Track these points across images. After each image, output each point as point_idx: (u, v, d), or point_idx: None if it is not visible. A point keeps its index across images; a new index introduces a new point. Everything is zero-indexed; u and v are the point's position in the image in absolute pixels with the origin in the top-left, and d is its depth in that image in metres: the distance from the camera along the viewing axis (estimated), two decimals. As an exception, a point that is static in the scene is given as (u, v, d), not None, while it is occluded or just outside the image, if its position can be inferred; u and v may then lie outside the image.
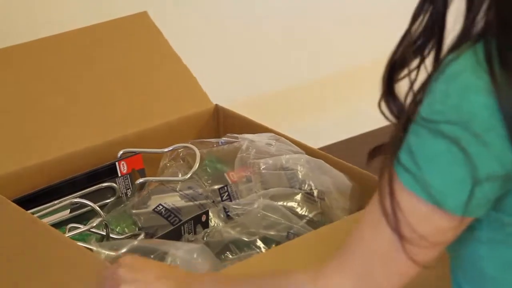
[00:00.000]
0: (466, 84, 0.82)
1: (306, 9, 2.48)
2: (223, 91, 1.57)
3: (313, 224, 1.25)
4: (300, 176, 1.29)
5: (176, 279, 1.03)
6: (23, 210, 1.21)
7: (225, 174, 1.35)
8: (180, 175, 1.36)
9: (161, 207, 1.30)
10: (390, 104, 0.91)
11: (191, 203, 1.31)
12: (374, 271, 0.89)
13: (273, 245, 1.22)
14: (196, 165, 1.36)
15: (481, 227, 0.89)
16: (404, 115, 0.88)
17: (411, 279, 0.89)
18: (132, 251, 1.15)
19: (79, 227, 1.26)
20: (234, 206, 1.26)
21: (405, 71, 0.90)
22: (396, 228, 0.86)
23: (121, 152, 1.40)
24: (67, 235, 1.23)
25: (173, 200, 1.32)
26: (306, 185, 1.29)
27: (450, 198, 0.84)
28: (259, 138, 1.36)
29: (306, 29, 2.47)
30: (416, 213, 0.85)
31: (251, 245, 1.22)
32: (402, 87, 0.91)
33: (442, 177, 0.83)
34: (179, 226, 1.24)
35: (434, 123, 0.83)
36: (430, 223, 0.85)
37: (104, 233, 1.27)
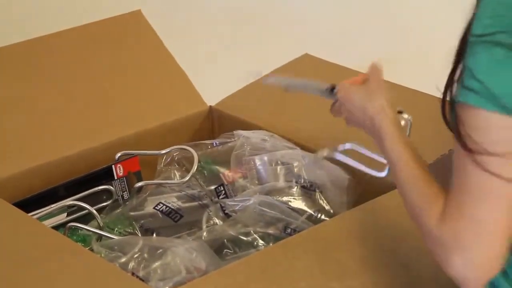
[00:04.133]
0: None
1: (305, 9, 2.49)
2: (217, 92, 1.57)
3: (310, 218, 1.26)
4: (295, 171, 1.29)
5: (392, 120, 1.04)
6: (25, 213, 1.21)
7: (221, 175, 1.36)
8: (176, 179, 1.37)
9: (161, 205, 1.30)
10: None
11: (190, 203, 1.32)
12: (479, 212, 0.87)
13: (271, 242, 1.22)
14: (195, 167, 1.36)
15: None
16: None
17: None
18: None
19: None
20: (230, 203, 1.27)
21: None
22: (475, 149, 0.85)
23: (119, 154, 1.41)
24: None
25: (171, 201, 1.33)
26: (302, 180, 1.28)
27: None
28: (254, 135, 1.36)
29: (305, 28, 2.47)
30: (492, 127, 0.85)
31: (250, 243, 1.23)
32: None
33: (506, 84, 0.84)
34: (179, 223, 1.25)
35: (487, 36, 0.84)
36: (507, 132, 0.85)
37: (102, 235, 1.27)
